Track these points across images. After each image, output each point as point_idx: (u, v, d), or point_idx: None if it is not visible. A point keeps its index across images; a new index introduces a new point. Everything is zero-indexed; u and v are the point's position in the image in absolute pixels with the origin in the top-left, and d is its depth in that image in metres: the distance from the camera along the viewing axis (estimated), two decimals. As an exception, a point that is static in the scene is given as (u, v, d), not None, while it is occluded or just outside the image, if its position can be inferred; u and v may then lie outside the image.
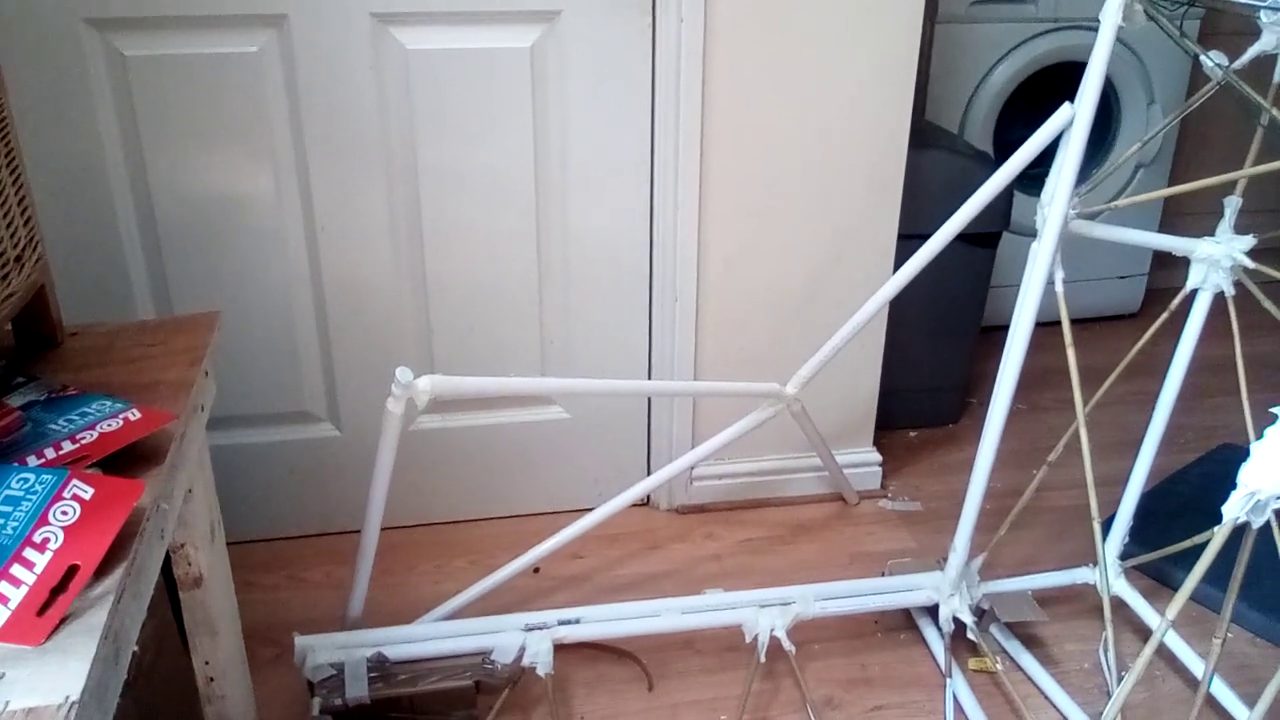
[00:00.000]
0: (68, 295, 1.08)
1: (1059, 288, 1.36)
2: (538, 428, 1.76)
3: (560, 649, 1.48)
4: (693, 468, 1.81)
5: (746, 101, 1.56)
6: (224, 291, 1.57)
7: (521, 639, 1.38)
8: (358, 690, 1.31)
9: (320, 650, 1.33)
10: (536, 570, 1.68)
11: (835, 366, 1.76)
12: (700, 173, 1.59)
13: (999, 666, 1.47)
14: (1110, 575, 1.55)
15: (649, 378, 1.76)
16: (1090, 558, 1.60)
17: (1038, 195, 1.35)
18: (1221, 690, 1.42)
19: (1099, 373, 1.48)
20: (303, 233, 1.56)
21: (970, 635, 1.48)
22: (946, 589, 1.50)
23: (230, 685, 1.12)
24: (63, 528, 0.69)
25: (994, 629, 1.54)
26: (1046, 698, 1.45)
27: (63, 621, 0.64)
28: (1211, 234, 1.37)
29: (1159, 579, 1.67)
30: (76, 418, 0.82)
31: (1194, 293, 1.41)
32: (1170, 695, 1.46)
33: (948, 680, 1.44)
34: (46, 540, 0.68)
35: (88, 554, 0.67)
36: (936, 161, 1.86)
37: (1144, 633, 1.57)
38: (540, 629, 1.39)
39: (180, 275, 1.55)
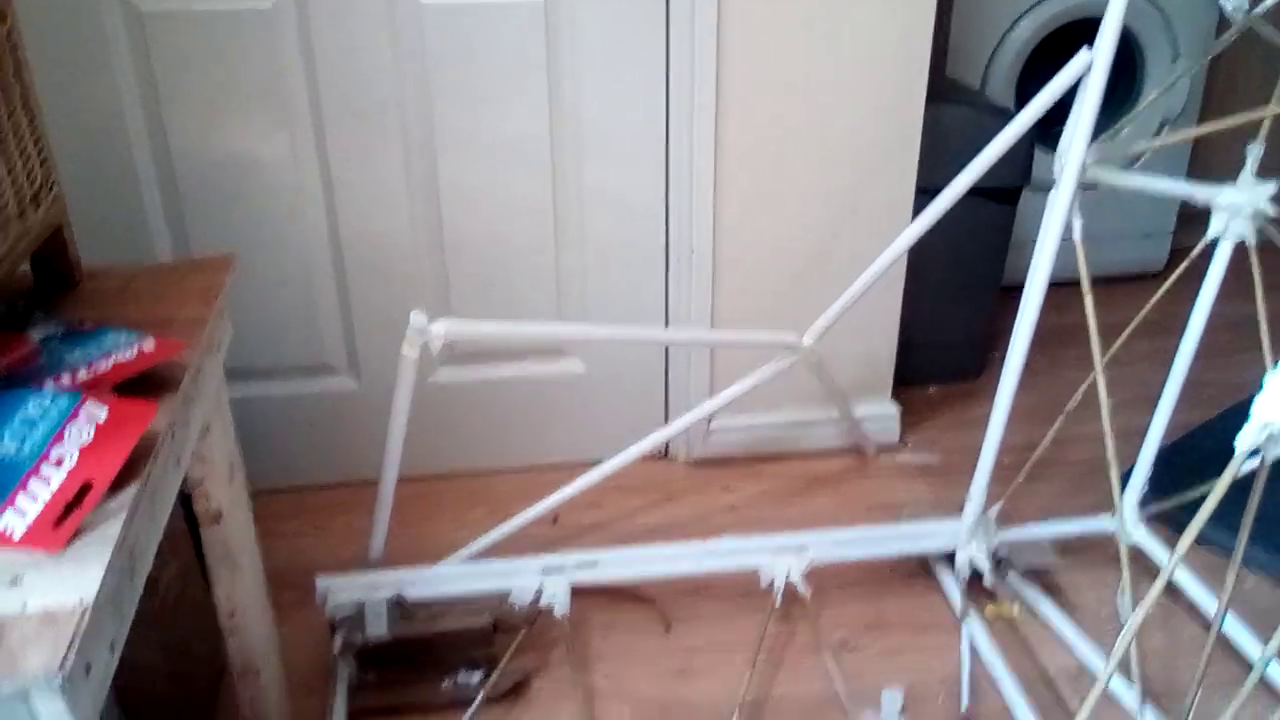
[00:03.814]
0: (89, 248, 1.10)
1: (1077, 235, 1.34)
2: (555, 381, 1.77)
3: (578, 593, 1.50)
4: (710, 420, 1.82)
5: (763, 55, 1.55)
6: (243, 245, 1.59)
7: (539, 581, 1.39)
8: (378, 628, 1.33)
9: (341, 590, 1.36)
10: (555, 519, 1.70)
11: (853, 319, 1.76)
12: (716, 125, 1.58)
13: (1016, 612, 1.47)
14: (1128, 522, 1.54)
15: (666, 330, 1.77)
16: (1110, 509, 1.60)
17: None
18: (1241, 633, 1.41)
19: (1121, 330, 1.46)
20: (320, 188, 1.57)
21: (987, 582, 1.49)
22: (963, 535, 1.50)
23: (251, 619, 1.15)
24: (78, 447, 0.70)
25: (1011, 577, 1.54)
26: (1064, 642, 1.45)
27: (78, 534, 0.66)
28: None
29: (1179, 529, 1.66)
30: (93, 349, 0.84)
31: (1215, 243, 1.40)
32: (1190, 641, 1.46)
33: (963, 623, 1.45)
34: (62, 459, 0.70)
35: (102, 471, 0.69)
36: (956, 116, 1.84)
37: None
38: (558, 572, 1.41)
39: (200, 228, 1.57)
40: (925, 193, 1.72)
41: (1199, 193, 1.37)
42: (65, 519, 0.66)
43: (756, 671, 1.42)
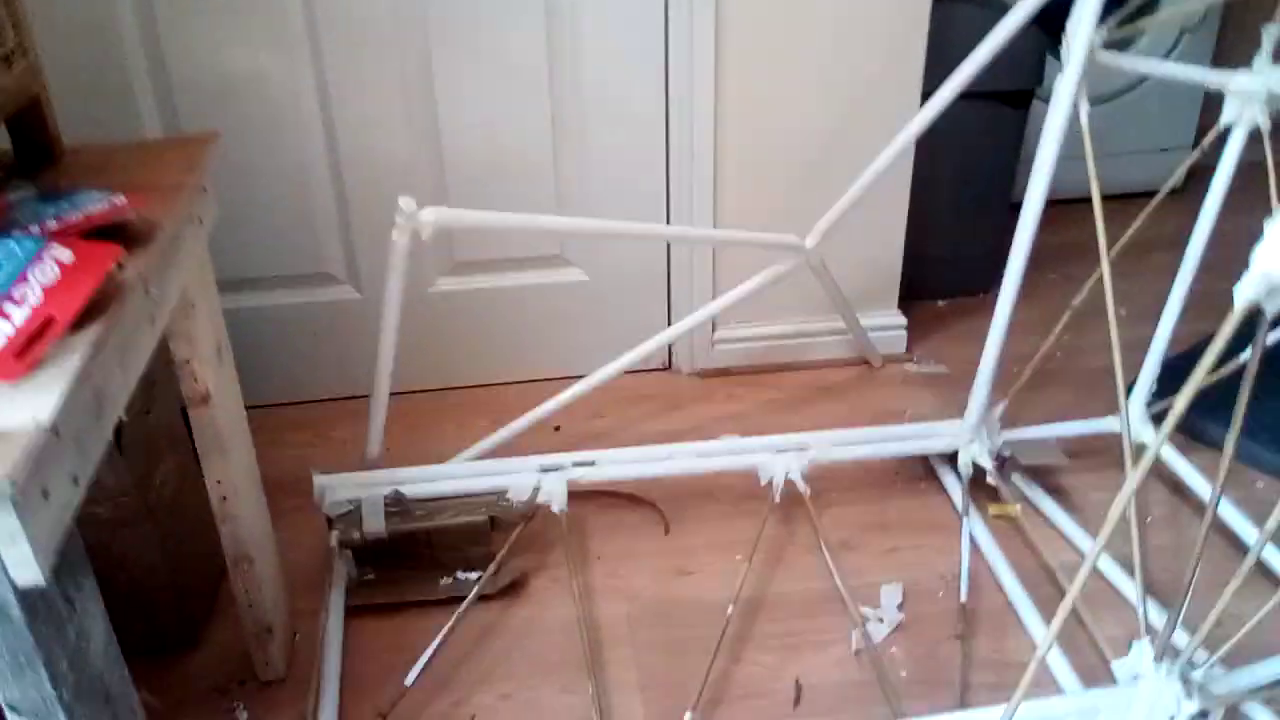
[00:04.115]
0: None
1: (1084, 118, 1.30)
2: (558, 290, 1.75)
3: (578, 497, 1.50)
4: (715, 330, 1.81)
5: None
6: (240, 154, 1.57)
7: (537, 479, 1.39)
8: (374, 524, 1.33)
9: (339, 488, 1.36)
10: (557, 429, 1.69)
11: (859, 226, 1.73)
12: (716, 25, 1.55)
13: (1019, 512, 1.46)
14: (1134, 419, 1.51)
15: (667, 249, 1.74)
16: (1117, 413, 1.57)
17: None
18: (1247, 530, 1.39)
19: (1138, 246, 1.42)
20: (316, 97, 1.55)
21: (990, 481, 1.47)
22: (965, 434, 1.48)
23: (243, 505, 1.15)
24: (41, 286, 0.70)
25: (1016, 478, 1.52)
26: (1067, 540, 1.44)
27: (39, 365, 0.66)
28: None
29: (1190, 434, 1.63)
30: (65, 205, 0.83)
31: (1229, 131, 1.36)
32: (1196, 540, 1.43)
33: (964, 519, 1.43)
34: (24, 297, 0.69)
35: (64, 308, 0.68)
36: (964, 16, 1.79)
37: (1171, 482, 1.54)
38: (555, 470, 1.40)
39: (185, 119, 1.55)
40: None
41: (1211, 77, 1.33)
42: (27, 352, 0.66)
43: (755, 570, 1.41)
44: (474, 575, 1.37)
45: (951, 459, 1.52)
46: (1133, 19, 1.32)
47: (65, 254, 0.72)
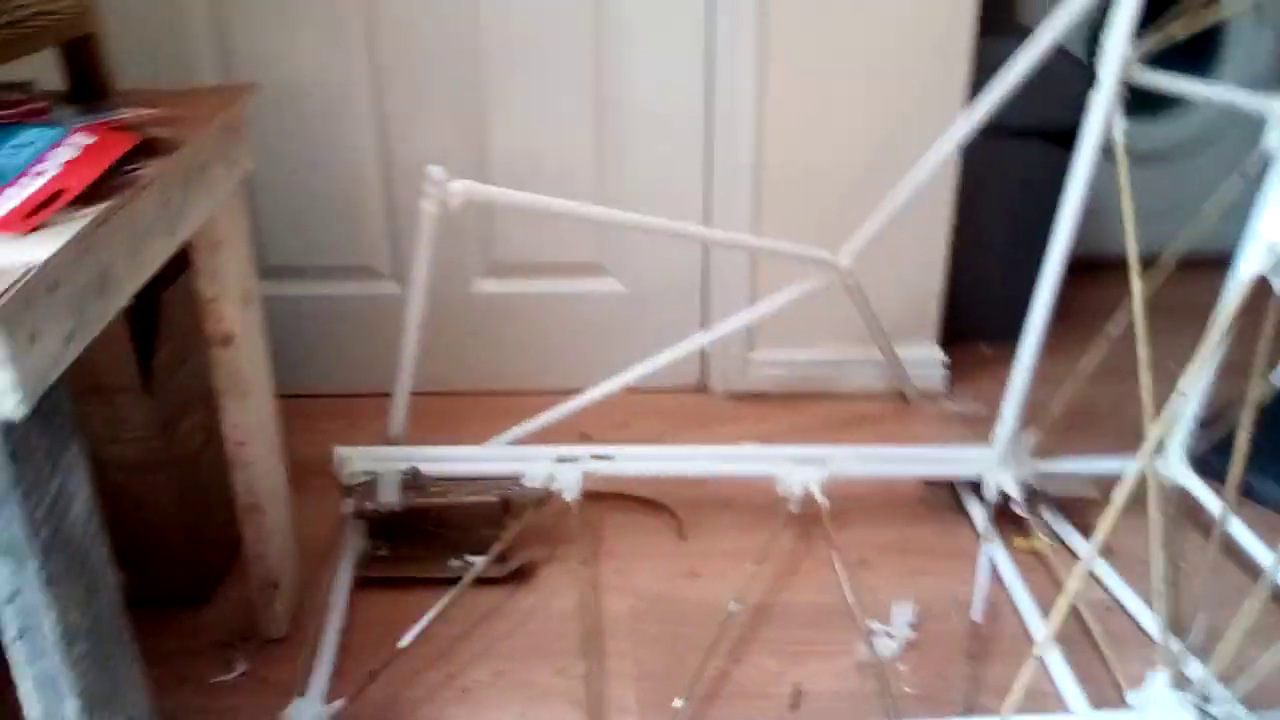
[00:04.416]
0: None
1: (1118, 135, 1.30)
2: (594, 300, 1.77)
3: (595, 499, 1.50)
4: (751, 351, 1.80)
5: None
6: (291, 147, 1.64)
7: (552, 468, 1.39)
8: (389, 497, 1.35)
9: (358, 460, 1.38)
10: (584, 435, 1.70)
11: (898, 253, 1.72)
12: (757, 45, 1.58)
13: (1046, 546, 1.41)
14: (1172, 461, 1.46)
15: (704, 264, 1.76)
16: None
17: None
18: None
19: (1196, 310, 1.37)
20: (368, 95, 1.62)
21: (1017, 511, 1.42)
22: (993, 460, 1.44)
23: (258, 451, 1.17)
24: (60, 163, 0.74)
25: (1045, 512, 1.48)
26: (1096, 579, 1.38)
27: (46, 226, 0.69)
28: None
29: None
30: (100, 114, 0.88)
31: (1271, 159, 1.33)
32: (1237, 591, 1.37)
33: (985, 543, 1.39)
34: (43, 171, 0.73)
35: (76, 181, 0.72)
36: (1011, 51, 1.79)
37: (1209, 528, 1.48)
38: (572, 461, 1.40)
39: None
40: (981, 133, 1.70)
41: (1249, 101, 1.31)
42: (35, 215, 0.69)
43: (768, 580, 1.38)
44: (484, 558, 1.37)
45: (980, 490, 1.48)
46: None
47: (88, 139, 0.76)
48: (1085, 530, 1.47)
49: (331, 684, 1.19)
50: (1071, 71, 1.77)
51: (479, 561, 1.36)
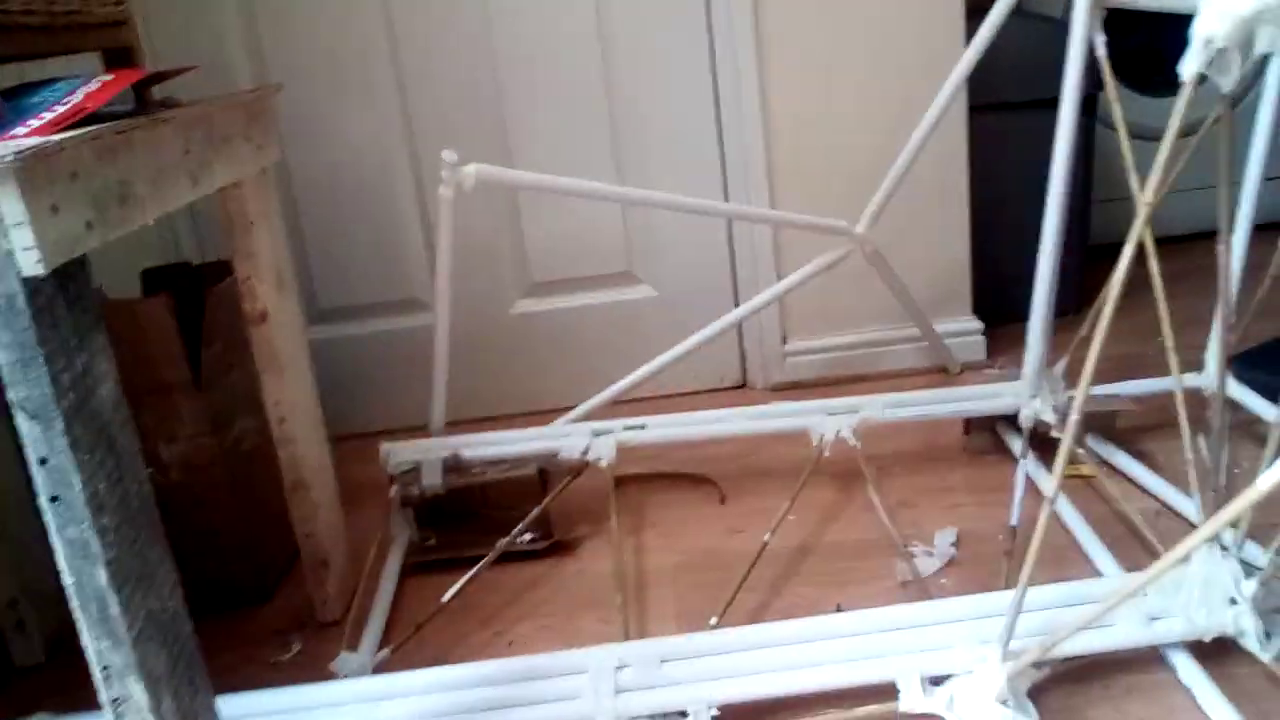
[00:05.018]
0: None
1: (1100, 51, 1.33)
2: (629, 307, 1.84)
3: (636, 480, 1.53)
4: (785, 342, 1.84)
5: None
6: (335, 188, 1.77)
7: (588, 440, 1.43)
8: (432, 480, 1.40)
9: (403, 451, 1.44)
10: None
11: (921, 229, 1.76)
12: (756, 39, 1.68)
13: (1094, 469, 1.38)
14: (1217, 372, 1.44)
15: (731, 256, 1.82)
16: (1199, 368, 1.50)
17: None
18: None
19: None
20: (404, 145, 1.75)
21: (1056, 435, 1.41)
22: (1026, 391, 1.44)
23: (300, 427, 1.24)
24: (83, 93, 0.84)
25: (1089, 440, 1.46)
26: (1144, 489, 1.36)
27: (74, 131, 0.79)
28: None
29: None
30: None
31: (1264, 60, 1.35)
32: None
33: (1021, 461, 1.38)
34: (70, 100, 0.84)
35: (93, 102, 0.82)
36: (1008, 29, 1.86)
37: (1259, 437, 1.44)
38: (606, 433, 1.45)
39: (296, 160, 1.77)
40: (979, 109, 1.77)
41: None
42: (61, 125, 0.79)
43: (808, 524, 1.39)
44: (529, 537, 1.40)
45: (1019, 427, 1.47)
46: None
47: (106, 77, 0.87)
48: (1135, 453, 1.44)
49: (380, 645, 1.23)
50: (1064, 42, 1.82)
51: (526, 540, 1.39)
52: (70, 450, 0.76)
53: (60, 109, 0.82)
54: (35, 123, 0.80)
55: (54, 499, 0.78)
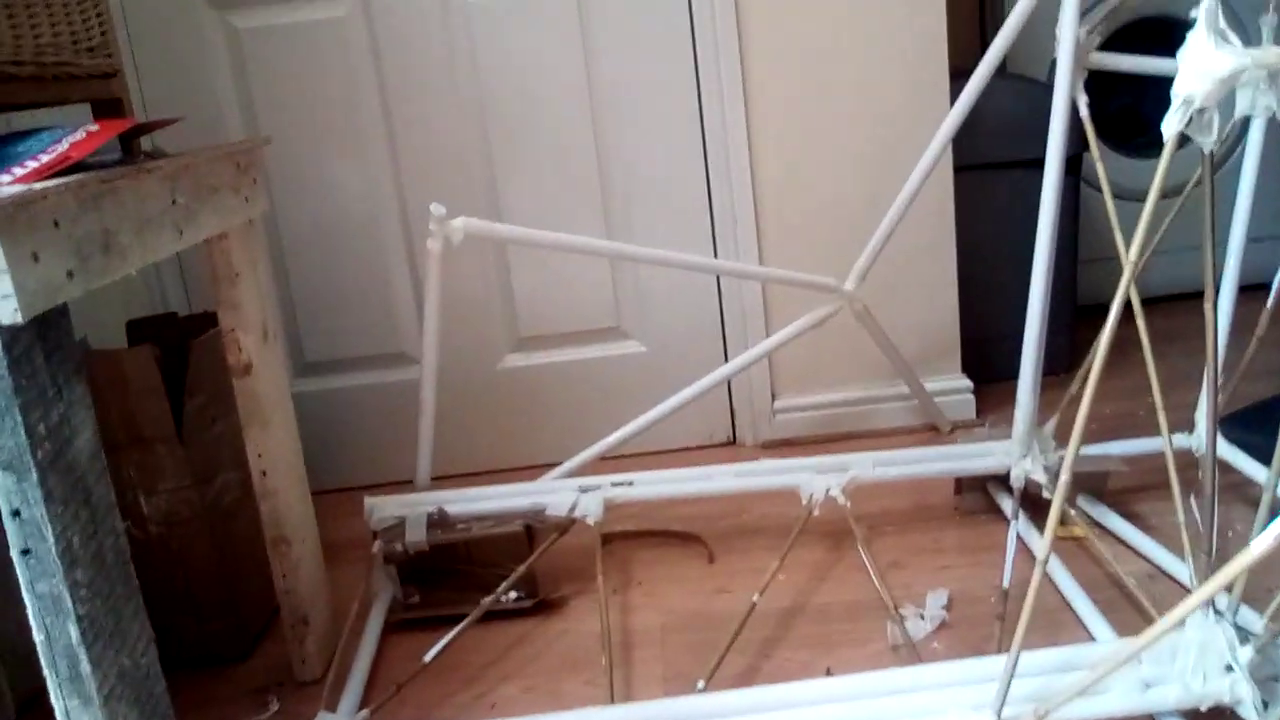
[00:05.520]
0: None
1: (1084, 111, 1.35)
2: (618, 363, 1.83)
3: (624, 538, 1.51)
4: (774, 399, 1.83)
5: (784, 28, 1.68)
6: (323, 249, 1.77)
7: (575, 497, 1.41)
8: (416, 536, 1.38)
9: (387, 506, 1.42)
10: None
11: (909, 287, 1.77)
12: (744, 96, 1.69)
13: (1084, 531, 1.37)
14: (1207, 433, 1.43)
15: (720, 312, 1.82)
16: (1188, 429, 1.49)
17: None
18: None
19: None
20: (395, 199, 1.76)
21: (1048, 496, 1.40)
22: (1017, 450, 1.43)
23: (283, 480, 1.23)
24: (70, 142, 0.84)
25: (1080, 500, 1.45)
26: (1137, 551, 1.34)
27: (59, 180, 0.78)
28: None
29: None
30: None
31: (1246, 122, 1.37)
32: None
33: (1012, 522, 1.36)
34: (56, 149, 0.83)
35: (81, 151, 0.82)
36: (991, 90, 1.88)
37: (1251, 499, 1.43)
38: (594, 489, 1.43)
39: (281, 217, 1.77)
40: (964, 170, 1.78)
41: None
42: (46, 173, 0.79)
43: (798, 585, 1.37)
44: (514, 595, 1.38)
45: (1010, 488, 1.46)
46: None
47: (93, 127, 0.87)
48: (1126, 514, 1.43)
49: (360, 705, 1.20)
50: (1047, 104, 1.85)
51: (512, 599, 1.37)
52: (44, 502, 0.75)
53: (45, 158, 0.82)
54: (19, 171, 0.80)
55: (25, 552, 0.76)
